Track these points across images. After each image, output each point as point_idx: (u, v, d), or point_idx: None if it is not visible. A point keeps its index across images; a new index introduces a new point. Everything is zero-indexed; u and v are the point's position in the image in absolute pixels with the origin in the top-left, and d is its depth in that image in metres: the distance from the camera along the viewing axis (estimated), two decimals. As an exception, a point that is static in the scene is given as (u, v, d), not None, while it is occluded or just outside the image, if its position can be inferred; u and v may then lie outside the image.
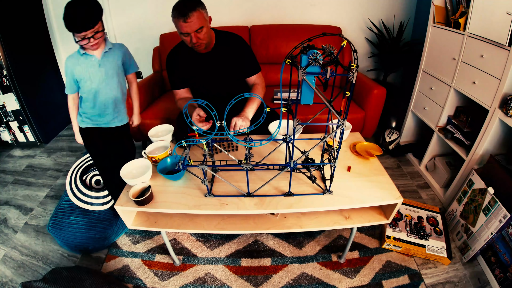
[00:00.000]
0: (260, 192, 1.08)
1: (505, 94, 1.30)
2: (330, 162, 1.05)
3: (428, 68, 1.86)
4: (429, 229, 1.49)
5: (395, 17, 2.60)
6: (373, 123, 2.14)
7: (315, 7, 2.56)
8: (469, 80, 1.50)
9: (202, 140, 1.04)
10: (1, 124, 2.48)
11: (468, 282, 1.32)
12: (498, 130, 1.39)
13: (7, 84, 2.28)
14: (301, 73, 0.75)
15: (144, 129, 2.07)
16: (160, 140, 1.32)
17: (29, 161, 2.40)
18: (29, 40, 2.48)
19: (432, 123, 1.85)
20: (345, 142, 1.39)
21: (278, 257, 1.45)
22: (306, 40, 0.79)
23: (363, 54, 2.80)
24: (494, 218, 1.27)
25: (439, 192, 1.83)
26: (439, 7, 1.69)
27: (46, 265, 1.48)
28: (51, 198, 1.95)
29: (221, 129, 0.98)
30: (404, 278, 1.34)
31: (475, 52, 1.44)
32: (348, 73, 0.75)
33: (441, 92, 1.74)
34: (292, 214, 1.19)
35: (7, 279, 1.41)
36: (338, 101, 2.08)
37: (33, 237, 1.64)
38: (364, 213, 1.18)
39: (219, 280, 1.35)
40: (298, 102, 0.86)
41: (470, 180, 1.46)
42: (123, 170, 1.14)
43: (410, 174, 2.07)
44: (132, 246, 1.54)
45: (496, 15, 1.28)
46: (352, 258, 1.43)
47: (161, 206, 1.05)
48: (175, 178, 1.15)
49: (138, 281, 1.36)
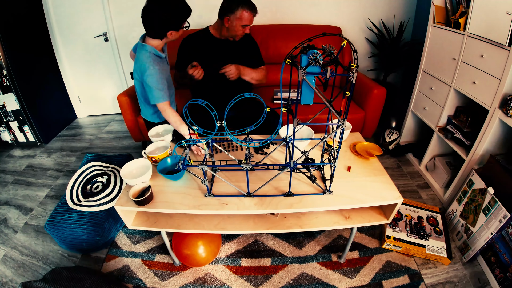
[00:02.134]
0: (260, 192, 1.08)
1: (505, 94, 1.30)
2: (330, 162, 1.05)
3: (428, 68, 1.86)
4: (429, 229, 1.49)
5: (395, 17, 2.60)
6: (373, 123, 2.14)
7: (315, 7, 2.56)
8: (469, 80, 1.50)
9: (202, 140, 1.04)
10: (1, 124, 2.48)
11: (468, 282, 1.32)
12: (498, 130, 1.39)
13: (7, 84, 2.28)
14: (301, 73, 0.75)
15: (144, 129, 2.07)
16: (160, 140, 1.32)
17: (29, 161, 2.40)
18: (29, 40, 2.48)
19: (432, 123, 1.85)
20: (345, 142, 1.39)
21: (278, 257, 1.45)
22: (306, 40, 0.79)
23: (363, 54, 2.80)
24: (494, 218, 1.27)
25: (439, 192, 1.83)
26: (439, 7, 1.69)
27: (46, 265, 1.48)
28: (51, 198, 1.95)
29: (221, 129, 0.98)
30: (404, 278, 1.33)
31: (475, 52, 1.44)
32: (348, 73, 0.75)
33: (441, 92, 1.74)
34: (292, 214, 1.19)
35: (7, 279, 1.41)
36: (338, 101, 2.08)
37: (33, 237, 1.64)
38: (364, 213, 1.18)
39: (219, 280, 1.35)
40: (298, 102, 0.86)
41: (470, 180, 1.46)
42: (123, 170, 1.14)
43: (410, 174, 2.07)
44: (132, 246, 1.54)
45: (496, 15, 1.28)
46: (352, 258, 1.43)
47: (161, 206, 1.05)
48: (175, 178, 1.15)
49: (138, 281, 1.36)
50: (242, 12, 1.53)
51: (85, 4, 2.56)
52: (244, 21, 1.56)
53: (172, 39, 1.44)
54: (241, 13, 1.54)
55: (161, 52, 1.45)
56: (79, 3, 2.55)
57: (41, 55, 2.63)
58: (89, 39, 2.74)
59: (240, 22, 1.56)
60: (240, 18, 1.55)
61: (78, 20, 2.65)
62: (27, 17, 2.45)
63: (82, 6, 2.57)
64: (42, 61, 2.66)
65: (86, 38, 2.73)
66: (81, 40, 2.75)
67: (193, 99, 1.04)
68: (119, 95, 1.99)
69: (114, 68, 2.91)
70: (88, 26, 2.67)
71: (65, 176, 2.17)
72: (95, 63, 2.88)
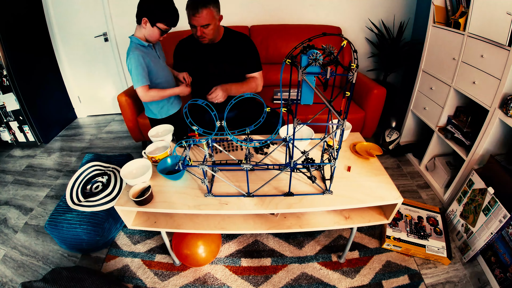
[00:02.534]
0: (260, 192, 1.08)
1: (505, 94, 1.30)
2: (330, 162, 1.05)
3: (428, 68, 1.86)
4: (429, 229, 1.49)
5: (395, 17, 2.60)
6: (373, 123, 2.14)
7: (315, 7, 2.56)
8: (469, 80, 1.50)
9: (202, 140, 1.04)
10: (1, 124, 2.48)
11: (468, 282, 1.32)
12: (498, 130, 1.39)
13: (7, 84, 2.28)
14: (301, 73, 0.75)
15: (144, 129, 2.07)
16: (160, 140, 1.32)
17: (29, 161, 2.40)
18: (29, 40, 2.48)
19: (432, 123, 1.85)
20: (345, 142, 1.39)
21: (278, 257, 1.45)
22: (306, 40, 0.79)
23: (363, 54, 2.80)
24: (494, 218, 1.27)
25: (439, 192, 1.83)
26: (439, 7, 1.69)
27: (46, 265, 1.48)
28: (51, 198, 1.95)
29: (221, 129, 0.98)
30: (404, 278, 1.33)
31: (475, 52, 1.44)
32: (348, 73, 0.75)
33: (441, 92, 1.74)
34: (292, 214, 1.19)
35: (7, 279, 1.41)
36: (338, 101, 2.08)
37: (33, 237, 1.64)
38: (364, 213, 1.18)
39: (219, 280, 1.35)
40: (298, 102, 0.86)
41: (470, 180, 1.46)
42: (123, 170, 1.14)
43: (410, 174, 2.07)
44: (132, 246, 1.54)
45: (496, 15, 1.28)
46: (352, 258, 1.43)
47: (161, 206, 1.05)
48: (175, 178, 1.15)
49: (138, 281, 1.36)
50: (186, 11, 1.45)
51: (85, 4, 2.56)
52: (188, 21, 1.47)
53: (148, 35, 1.47)
54: (187, 13, 1.46)
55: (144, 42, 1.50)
56: (79, 3, 2.56)
57: (41, 55, 2.63)
58: (89, 39, 2.74)
59: (188, 22, 1.48)
60: (187, 18, 1.48)
61: (78, 20, 2.65)
62: (27, 17, 2.45)
63: (82, 6, 2.57)
64: (42, 61, 2.66)
65: (86, 38, 2.73)
66: (81, 40, 2.75)
67: (193, 99, 1.04)
68: (119, 95, 1.99)
69: (114, 68, 2.91)
70: (88, 26, 2.67)
71: (65, 176, 2.17)
72: (95, 63, 2.88)
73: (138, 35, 1.49)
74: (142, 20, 1.42)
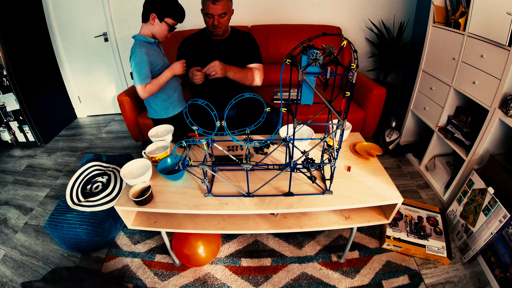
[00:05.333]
0: (260, 192, 1.08)
1: (505, 94, 1.30)
2: (330, 162, 1.05)
3: (428, 68, 1.86)
4: (429, 229, 1.49)
5: (395, 17, 2.60)
6: (373, 123, 2.13)
7: (315, 7, 2.56)
8: (469, 80, 1.50)
9: (202, 140, 1.04)
10: (1, 124, 2.48)
11: (468, 282, 1.32)
12: (498, 130, 1.39)
13: (7, 84, 2.28)
14: (301, 73, 0.75)
15: (144, 129, 2.07)
16: (160, 140, 1.32)
17: (29, 161, 2.40)
18: (29, 40, 2.48)
19: (432, 123, 1.85)
20: (345, 142, 1.39)
21: (278, 257, 1.45)
22: (306, 40, 0.79)
23: (363, 54, 2.80)
24: (494, 218, 1.27)
25: (439, 192, 1.83)
26: (439, 7, 1.69)
27: (46, 265, 1.48)
28: (51, 198, 1.95)
29: (221, 129, 0.98)
30: (404, 278, 1.33)
31: (475, 52, 1.44)
32: (348, 73, 0.75)
33: (441, 92, 1.74)
34: (292, 214, 1.19)
35: (7, 279, 1.41)
36: (338, 101, 2.08)
37: (33, 237, 1.64)
38: (364, 213, 1.18)
39: (219, 280, 1.35)
40: (298, 102, 0.86)
41: (470, 180, 1.46)
42: (123, 170, 1.14)
43: (410, 174, 2.07)
44: (132, 246, 1.54)
45: (496, 15, 1.28)
46: (352, 258, 1.43)
47: (161, 206, 1.05)
48: (175, 178, 1.15)
49: (138, 281, 1.36)
50: (203, 1, 1.52)
51: (85, 4, 2.56)
52: (206, 10, 1.52)
53: (157, 32, 1.49)
54: (203, 3, 1.52)
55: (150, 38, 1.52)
56: (79, 3, 2.56)
57: (41, 55, 2.63)
58: (89, 39, 2.74)
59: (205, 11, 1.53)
60: (204, 8, 1.54)
61: (78, 20, 2.65)
62: (27, 17, 2.44)
63: (82, 6, 2.57)
64: (42, 61, 2.66)
65: (86, 38, 2.73)
66: (81, 40, 2.75)
67: (193, 99, 1.04)
68: (119, 95, 1.99)
69: (114, 68, 2.91)
70: (88, 26, 2.67)
71: (65, 176, 2.17)
72: (95, 63, 2.89)
73: (144, 33, 1.51)
74: (150, 17, 1.44)
